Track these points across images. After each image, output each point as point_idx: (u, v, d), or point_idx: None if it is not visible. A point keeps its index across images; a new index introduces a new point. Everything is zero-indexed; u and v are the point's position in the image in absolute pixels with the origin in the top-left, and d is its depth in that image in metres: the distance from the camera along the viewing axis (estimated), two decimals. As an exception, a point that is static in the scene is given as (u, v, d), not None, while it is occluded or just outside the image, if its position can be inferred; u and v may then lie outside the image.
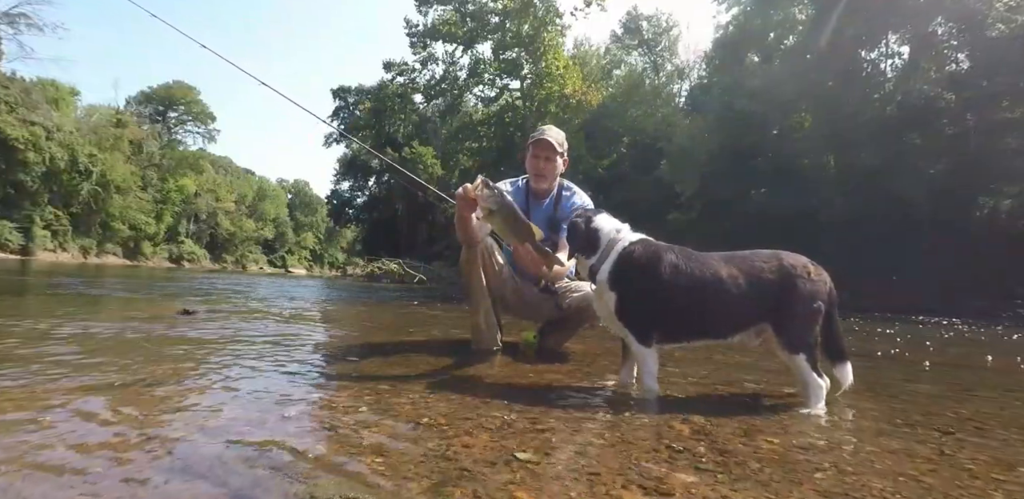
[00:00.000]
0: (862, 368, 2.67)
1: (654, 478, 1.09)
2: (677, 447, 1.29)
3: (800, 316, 1.81)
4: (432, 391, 1.76)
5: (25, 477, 0.97)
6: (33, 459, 1.05)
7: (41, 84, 37.59)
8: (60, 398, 1.48)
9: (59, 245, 36.06)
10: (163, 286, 8.56)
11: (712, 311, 1.86)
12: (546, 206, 2.88)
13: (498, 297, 2.78)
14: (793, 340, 1.81)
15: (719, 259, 1.90)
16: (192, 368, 2.00)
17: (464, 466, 1.11)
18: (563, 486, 1.02)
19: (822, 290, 1.83)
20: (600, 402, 1.77)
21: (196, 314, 3.90)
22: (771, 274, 1.83)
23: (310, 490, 0.95)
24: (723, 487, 1.06)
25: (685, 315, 1.87)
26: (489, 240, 2.71)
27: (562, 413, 1.56)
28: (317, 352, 2.55)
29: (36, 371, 1.81)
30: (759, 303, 1.83)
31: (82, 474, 0.99)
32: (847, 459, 1.28)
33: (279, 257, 69.52)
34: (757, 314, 1.85)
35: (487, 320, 2.75)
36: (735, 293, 1.82)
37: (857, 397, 2.01)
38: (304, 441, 1.21)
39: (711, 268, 1.85)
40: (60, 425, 1.25)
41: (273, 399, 1.59)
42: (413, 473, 1.06)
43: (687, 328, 1.91)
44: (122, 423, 1.29)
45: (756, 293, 1.82)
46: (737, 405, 1.84)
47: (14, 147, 31.59)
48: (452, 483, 1.01)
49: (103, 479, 0.97)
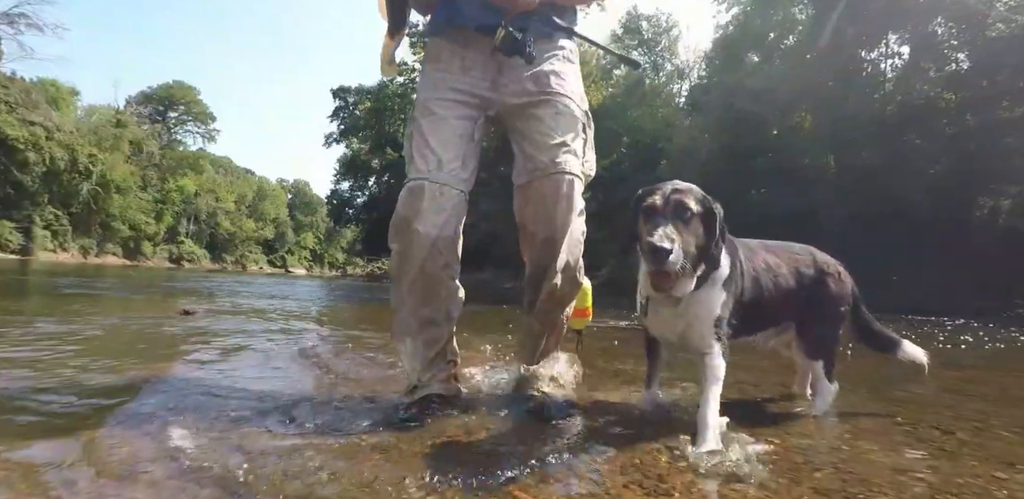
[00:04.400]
0: (862, 368, 2.67)
1: (654, 477, 1.09)
2: (676, 447, 1.29)
3: (828, 318, 1.71)
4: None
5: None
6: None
7: (41, 84, 37.60)
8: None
9: (59, 245, 36.05)
10: (165, 286, 8.57)
11: (760, 305, 1.60)
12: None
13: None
14: (816, 343, 1.71)
15: (760, 246, 1.71)
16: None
17: None
18: (559, 484, 1.02)
19: (848, 292, 1.73)
20: (600, 405, 1.77)
21: (196, 314, 3.91)
22: (807, 269, 1.69)
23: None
24: (723, 487, 1.06)
25: (747, 310, 1.56)
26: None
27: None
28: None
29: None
30: (793, 300, 1.66)
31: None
32: (847, 459, 1.28)
33: (279, 257, 69.47)
34: (786, 312, 1.70)
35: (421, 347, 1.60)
36: (780, 286, 1.63)
37: (857, 397, 2.01)
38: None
39: (762, 255, 1.66)
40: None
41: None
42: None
43: (740, 325, 1.56)
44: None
45: (793, 289, 1.65)
46: (737, 405, 1.84)
47: (14, 147, 31.59)
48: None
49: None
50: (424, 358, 1.56)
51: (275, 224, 68.97)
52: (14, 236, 32.29)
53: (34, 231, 33.66)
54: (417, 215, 1.48)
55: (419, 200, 1.49)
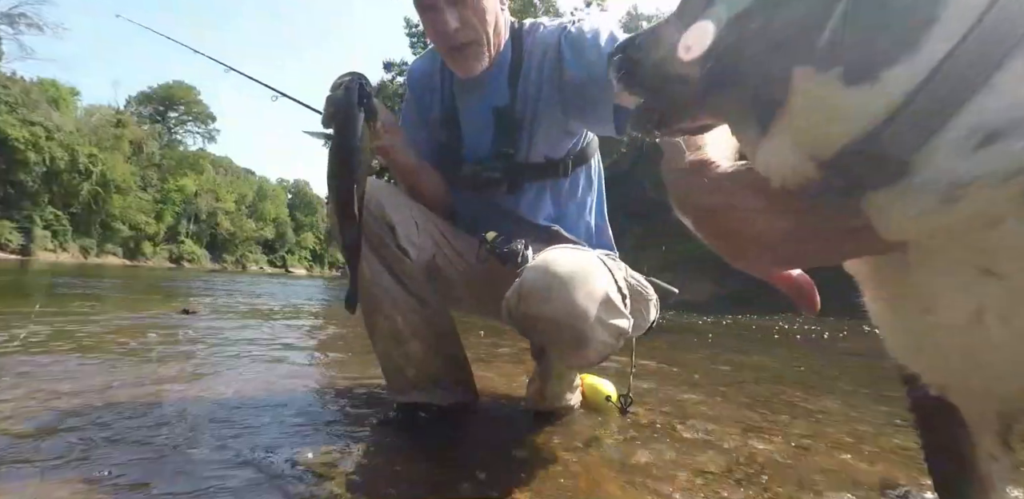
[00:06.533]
0: (862, 368, 2.67)
1: (654, 477, 1.08)
2: (677, 447, 1.29)
3: None
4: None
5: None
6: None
7: (41, 84, 37.64)
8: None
9: (59, 245, 36.09)
10: (166, 286, 8.57)
11: None
12: (490, 82, 1.33)
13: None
14: None
15: None
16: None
17: None
18: (558, 484, 1.02)
19: None
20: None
21: (196, 313, 3.92)
22: None
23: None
24: (723, 487, 1.06)
25: None
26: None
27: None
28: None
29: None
30: None
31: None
32: (847, 459, 1.28)
33: (279, 257, 69.50)
34: None
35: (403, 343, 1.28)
36: None
37: (857, 397, 2.01)
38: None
39: None
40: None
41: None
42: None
43: None
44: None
45: None
46: (737, 405, 1.84)
47: (14, 147, 31.64)
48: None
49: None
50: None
51: (275, 224, 69.00)
52: (14, 236, 32.33)
53: (34, 231, 33.70)
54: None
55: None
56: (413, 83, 1.50)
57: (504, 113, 1.32)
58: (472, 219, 1.42)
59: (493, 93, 1.34)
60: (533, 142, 1.34)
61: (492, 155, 1.35)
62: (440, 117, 1.43)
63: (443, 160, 1.43)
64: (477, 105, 1.36)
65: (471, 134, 1.39)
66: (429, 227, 1.32)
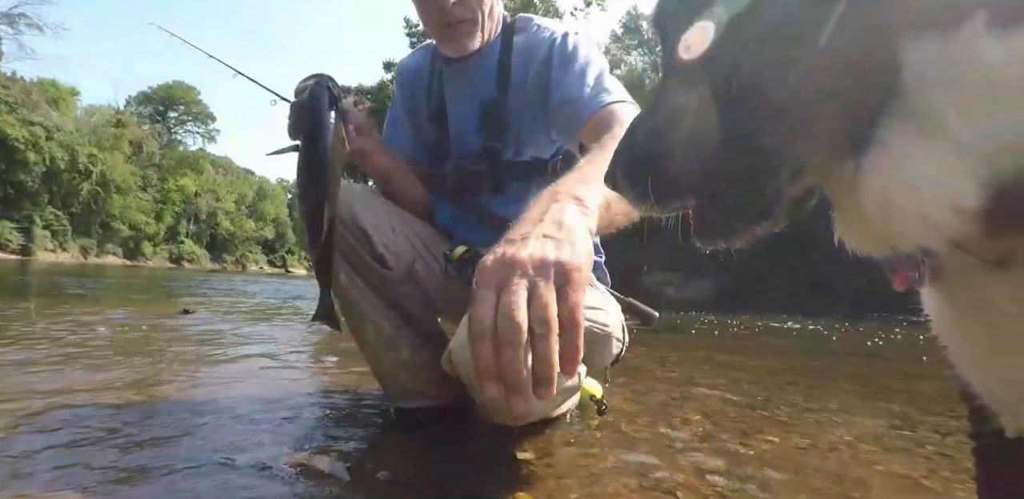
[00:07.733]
0: (862, 368, 2.68)
1: (655, 478, 1.08)
2: (678, 447, 1.29)
3: None
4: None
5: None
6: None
7: (41, 84, 37.65)
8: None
9: (59, 245, 36.08)
10: (166, 286, 8.56)
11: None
12: (479, 75, 1.33)
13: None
14: None
15: None
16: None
17: None
18: (558, 483, 1.02)
19: None
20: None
21: (196, 314, 3.92)
22: None
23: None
24: (723, 487, 1.06)
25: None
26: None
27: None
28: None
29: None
30: None
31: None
32: (846, 460, 1.28)
33: (279, 257, 69.48)
34: None
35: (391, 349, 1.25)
36: None
37: (857, 397, 2.01)
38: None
39: None
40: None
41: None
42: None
43: None
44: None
45: None
46: (737, 405, 1.84)
47: (14, 147, 31.64)
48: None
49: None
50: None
51: (275, 224, 68.96)
52: (14, 236, 32.33)
53: (34, 231, 33.70)
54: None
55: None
56: (402, 79, 1.51)
57: (491, 108, 1.31)
58: (452, 226, 1.39)
59: (481, 86, 1.32)
60: (520, 140, 1.32)
61: (479, 150, 1.33)
62: (428, 113, 1.42)
63: (430, 156, 1.42)
64: (465, 97, 1.35)
65: (458, 127, 1.38)
66: (408, 232, 1.27)
